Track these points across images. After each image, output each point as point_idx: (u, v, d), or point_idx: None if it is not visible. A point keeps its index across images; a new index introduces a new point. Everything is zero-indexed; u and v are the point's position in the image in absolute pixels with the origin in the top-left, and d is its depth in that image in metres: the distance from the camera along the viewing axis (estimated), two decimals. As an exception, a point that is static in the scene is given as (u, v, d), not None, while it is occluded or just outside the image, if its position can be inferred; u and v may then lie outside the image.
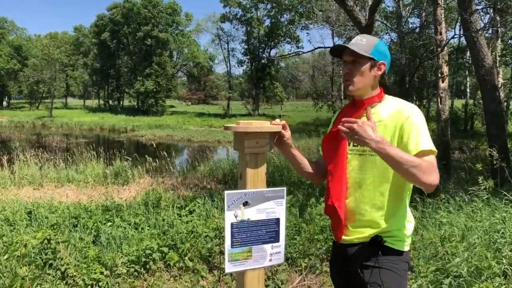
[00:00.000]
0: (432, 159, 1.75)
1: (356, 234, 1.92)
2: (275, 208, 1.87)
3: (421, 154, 1.74)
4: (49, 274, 3.58)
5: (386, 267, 1.83)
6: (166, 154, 12.06)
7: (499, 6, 10.61)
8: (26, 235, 4.25)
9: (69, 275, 3.51)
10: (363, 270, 1.86)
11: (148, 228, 5.31)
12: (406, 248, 1.91)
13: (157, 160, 12.05)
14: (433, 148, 1.77)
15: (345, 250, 1.96)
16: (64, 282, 3.53)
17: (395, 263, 1.85)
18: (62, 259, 3.62)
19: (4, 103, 66.35)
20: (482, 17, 14.64)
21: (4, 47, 63.10)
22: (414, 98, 22.81)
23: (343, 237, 1.95)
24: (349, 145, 1.95)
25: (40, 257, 3.88)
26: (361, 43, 1.88)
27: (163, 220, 5.54)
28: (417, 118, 1.82)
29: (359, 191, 1.91)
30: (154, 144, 14.89)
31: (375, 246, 1.86)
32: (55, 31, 70.91)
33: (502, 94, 15.48)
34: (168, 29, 56.17)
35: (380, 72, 1.93)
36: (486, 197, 4.96)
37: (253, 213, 1.82)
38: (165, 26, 55.83)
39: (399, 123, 1.83)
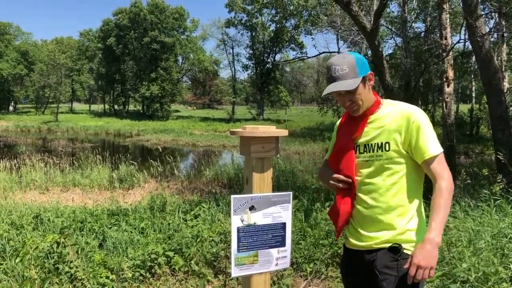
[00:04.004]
0: (441, 160, 1.86)
1: (373, 240, 1.93)
2: (281, 212, 1.88)
3: (432, 158, 1.84)
4: (57, 277, 3.60)
5: (405, 276, 1.83)
6: (171, 158, 12.09)
7: (504, 11, 10.59)
8: (33, 239, 4.28)
9: (78, 278, 3.53)
10: (382, 278, 1.86)
11: (154, 232, 5.32)
12: None
13: (162, 165, 12.09)
14: (441, 149, 1.86)
15: (363, 256, 1.96)
16: (72, 285, 3.55)
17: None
18: (71, 262, 3.64)
19: (11, 108, 66.77)
20: (488, 22, 14.61)
21: (11, 52, 63.61)
22: (420, 102, 22.74)
23: (358, 242, 1.98)
24: (355, 152, 1.99)
25: (47, 261, 3.90)
26: (345, 72, 1.86)
27: (169, 224, 5.55)
28: (422, 120, 1.87)
29: (371, 196, 1.93)
30: (159, 149, 14.96)
31: (395, 253, 1.87)
32: (61, 36, 71.40)
33: (508, 99, 15.40)
34: (175, 34, 56.41)
35: (372, 82, 1.97)
36: (499, 201, 4.93)
37: (259, 218, 1.83)
38: (171, 31, 56.10)
39: (403, 127, 1.88)
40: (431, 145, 1.84)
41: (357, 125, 1.98)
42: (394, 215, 1.90)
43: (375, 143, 1.93)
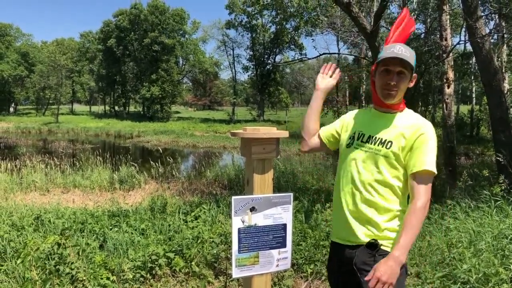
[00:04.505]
0: (429, 182, 1.87)
1: (353, 231, 1.95)
2: (282, 213, 1.89)
3: (422, 173, 1.85)
4: (58, 278, 3.60)
5: None
6: (171, 159, 12.09)
7: (504, 12, 10.60)
8: (34, 240, 4.28)
9: (79, 279, 3.53)
10: (360, 274, 1.89)
11: (154, 233, 5.32)
12: None
13: (163, 166, 12.10)
14: (434, 170, 1.86)
15: (343, 252, 2.00)
16: (73, 286, 3.55)
17: None
18: (72, 263, 3.64)
19: (11, 109, 66.83)
20: (488, 23, 14.63)
21: (11, 53, 63.68)
22: (420, 104, 22.75)
23: (339, 241, 2.01)
24: (357, 139, 2.02)
25: (48, 262, 3.90)
26: (407, 55, 1.91)
27: (169, 225, 5.55)
28: (430, 136, 1.89)
29: (357, 188, 1.96)
30: (160, 150, 14.96)
31: (372, 249, 1.89)
32: (61, 38, 71.48)
33: (508, 100, 15.41)
34: (175, 36, 56.45)
35: (412, 85, 2.01)
36: (499, 202, 4.93)
37: (260, 219, 1.83)
38: (171, 32, 56.14)
39: (410, 135, 1.90)
40: (429, 160, 1.85)
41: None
42: (375, 211, 1.92)
43: (379, 138, 1.95)
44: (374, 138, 1.97)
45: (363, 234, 1.93)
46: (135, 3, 55.51)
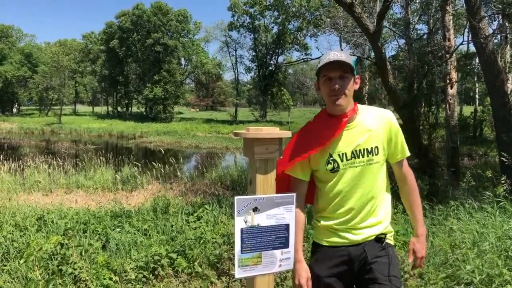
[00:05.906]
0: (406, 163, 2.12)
1: (363, 234, 2.00)
2: (285, 214, 1.88)
3: (405, 158, 2.09)
4: (61, 278, 3.60)
5: (393, 262, 1.98)
6: (174, 160, 12.10)
7: (507, 13, 10.56)
8: (37, 241, 4.28)
9: (81, 279, 3.53)
10: (375, 267, 1.95)
11: (157, 234, 5.31)
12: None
13: (165, 166, 12.11)
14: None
15: (346, 252, 2.00)
16: (76, 286, 3.55)
17: (395, 257, 2.04)
18: (75, 263, 3.65)
19: (14, 110, 67.07)
20: (491, 23, 14.58)
21: (15, 54, 63.90)
22: (423, 104, 22.70)
23: (352, 237, 2.02)
24: (341, 160, 1.97)
25: (51, 262, 3.90)
26: (343, 57, 1.89)
27: (172, 226, 5.55)
28: (397, 124, 2.04)
29: (361, 199, 1.99)
30: (162, 150, 14.99)
31: (381, 243, 1.99)
32: (64, 39, 71.75)
33: None
34: (179, 37, 56.54)
35: (357, 86, 2.01)
36: (502, 203, 4.91)
37: (263, 219, 1.83)
38: (174, 33, 56.25)
39: (386, 131, 2.00)
40: (406, 146, 2.06)
41: (337, 131, 1.95)
42: (382, 212, 2.03)
43: (364, 149, 1.96)
44: (359, 151, 1.95)
45: (373, 233, 2.00)
46: (137, 5, 55.70)
